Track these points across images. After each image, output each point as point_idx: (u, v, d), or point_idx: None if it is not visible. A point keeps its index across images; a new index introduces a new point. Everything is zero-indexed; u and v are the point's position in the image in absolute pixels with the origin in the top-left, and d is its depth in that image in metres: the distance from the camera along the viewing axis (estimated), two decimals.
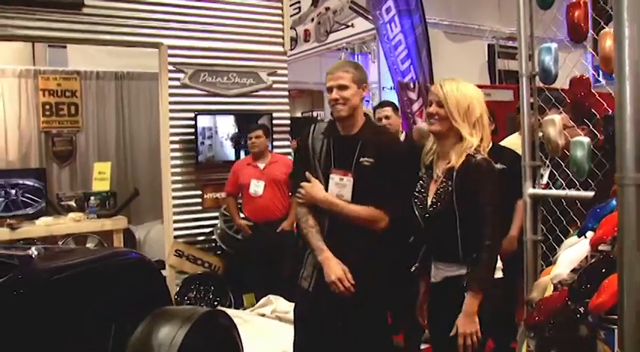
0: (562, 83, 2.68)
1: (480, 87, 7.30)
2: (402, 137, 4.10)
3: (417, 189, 2.39)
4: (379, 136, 2.62)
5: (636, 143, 1.15)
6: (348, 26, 9.08)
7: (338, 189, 2.56)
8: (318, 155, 2.62)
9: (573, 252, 2.05)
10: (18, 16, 4.50)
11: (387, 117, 4.03)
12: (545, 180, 3.31)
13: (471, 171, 2.20)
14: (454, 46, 8.57)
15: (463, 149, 2.24)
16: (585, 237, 2.06)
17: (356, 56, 10.28)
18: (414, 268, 2.48)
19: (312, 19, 9.75)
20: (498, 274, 2.35)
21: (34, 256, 2.45)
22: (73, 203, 5.79)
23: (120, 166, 6.52)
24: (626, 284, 1.17)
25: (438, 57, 7.40)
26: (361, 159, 2.52)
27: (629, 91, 1.14)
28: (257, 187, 4.68)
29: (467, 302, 2.16)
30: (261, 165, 4.79)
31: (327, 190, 2.56)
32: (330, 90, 2.56)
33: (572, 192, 2.63)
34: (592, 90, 2.54)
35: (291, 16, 10.15)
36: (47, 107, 6.15)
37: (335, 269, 2.46)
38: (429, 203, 2.29)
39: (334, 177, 2.56)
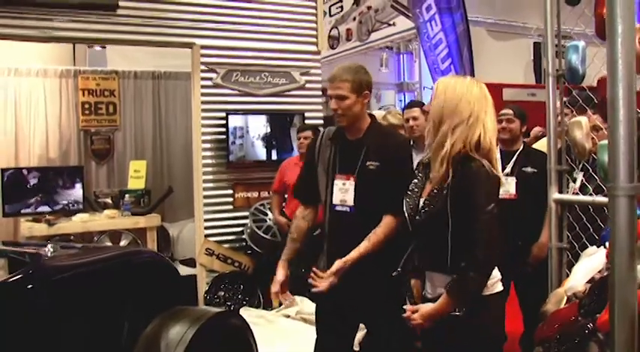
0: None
1: (524, 86, 7.03)
2: None
3: (410, 188, 2.24)
4: (384, 139, 2.55)
5: (629, 149, 1.05)
6: (389, 25, 8.99)
7: (341, 194, 2.53)
8: (326, 162, 2.60)
9: (590, 263, 1.94)
10: (57, 18, 4.59)
11: (414, 119, 3.93)
12: (577, 184, 3.17)
13: (466, 174, 2.02)
14: (498, 44, 8.37)
15: (438, 157, 2.06)
16: (605, 248, 1.95)
17: (401, 55, 10.20)
18: (395, 273, 2.34)
19: (354, 18, 9.71)
20: (496, 288, 2.11)
21: (49, 254, 2.49)
22: (109, 200, 5.91)
23: (156, 165, 6.60)
24: (618, 304, 1.07)
25: (481, 56, 7.23)
26: (367, 163, 2.48)
27: (623, 93, 1.04)
28: None
29: (440, 302, 2.02)
30: None
31: (332, 197, 2.55)
32: (330, 97, 2.51)
33: (599, 198, 2.50)
34: None
35: (333, 15, 10.18)
36: (86, 106, 6.28)
37: (276, 279, 2.68)
38: (421, 205, 2.14)
39: (337, 183, 2.54)
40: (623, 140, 1.05)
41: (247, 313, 4.46)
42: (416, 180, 2.24)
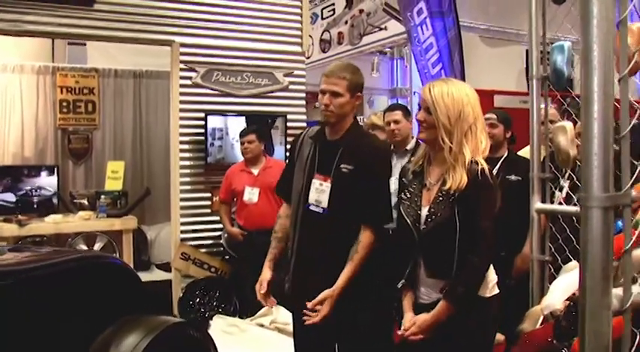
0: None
1: (516, 94, 6.90)
2: (413, 142, 3.84)
3: (405, 197, 2.18)
4: (360, 142, 2.47)
5: (604, 152, 0.89)
6: (381, 29, 8.88)
7: (317, 195, 2.46)
8: (305, 160, 2.53)
9: (569, 279, 1.78)
10: (28, 12, 4.43)
11: (395, 122, 3.77)
12: (564, 193, 3.03)
13: (476, 181, 2.00)
14: (490, 50, 8.25)
15: (459, 163, 2.03)
16: None
17: (394, 60, 10.09)
18: (400, 284, 2.23)
19: (346, 22, 9.60)
20: (495, 290, 2.13)
21: None
22: (85, 201, 5.73)
23: (136, 165, 6.43)
24: (589, 334, 0.91)
25: (473, 62, 7.09)
26: (341, 166, 2.41)
27: (598, 84, 0.89)
28: (251, 195, 4.49)
29: (437, 310, 2.01)
30: (255, 171, 4.62)
31: (308, 196, 2.47)
32: (322, 92, 2.42)
33: None
34: None
35: (325, 18, 10.06)
36: (64, 104, 6.10)
37: (260, 279, 2.58)
38: (425, 213, 2.09)
39: (315, 183, 2.46)
40: (597, 140, 0.89)
41: (220, 321, 4.30)
42: (411, 189, 2.18)
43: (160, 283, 5.27)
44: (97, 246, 5.55)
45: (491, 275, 2.12)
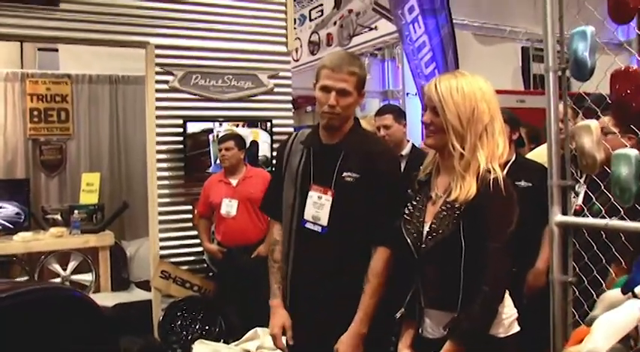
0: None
1: (513, 93, 6.61)
2: (408, 147, 3.52)
3: (408, 211, 1.86)
4: (366, 146, 2.12)
5: None
6: (371, 29, 8.66)
7: (315, 209, 2.09)
8: (295, 169, 2.16)
9: (616, 316, 1.43)
10: None
11: (385, 127, 3.46)
12: (580, 200, 2.70)
13: (484, 193, 1.68)
14: (484, 48, 8.02)
15: (470, 171, 1.71)
16: (634, 295, 1.44)
17: (385, 62, 9.81)
18: (399, 314, 1.92)
19: (335, 23, 9.37)
20: (513, 329, 1.81)
21: None
22: (58, 217, 5.39)
23: (113, 177, 6.10)
24: None
25: (467, 61, 6.81)
26: (343, 174, 2.06)
27: None
28: (229, 207, 4.13)
29: (445, 349, 1.68)
30: (234, 182, 4.26)
31: (304, 211, 2.11)
32: (325, 90, 2.03)
33: (614, 222, 2.00)
34: None
35: (313, 19, 9.80)
36: (35, 113, 5.76)
37: (276, 322, 2.16)
38: (427, 229, 1.77)
39: (312, 195, 2.10)
40: None
41: (202, 347, 3.94)
42: (414, 202, 1.88)
43: (139, 304, 4.91)
44: (71, 265, 5.20)
45: (508, 310, 1.80)
